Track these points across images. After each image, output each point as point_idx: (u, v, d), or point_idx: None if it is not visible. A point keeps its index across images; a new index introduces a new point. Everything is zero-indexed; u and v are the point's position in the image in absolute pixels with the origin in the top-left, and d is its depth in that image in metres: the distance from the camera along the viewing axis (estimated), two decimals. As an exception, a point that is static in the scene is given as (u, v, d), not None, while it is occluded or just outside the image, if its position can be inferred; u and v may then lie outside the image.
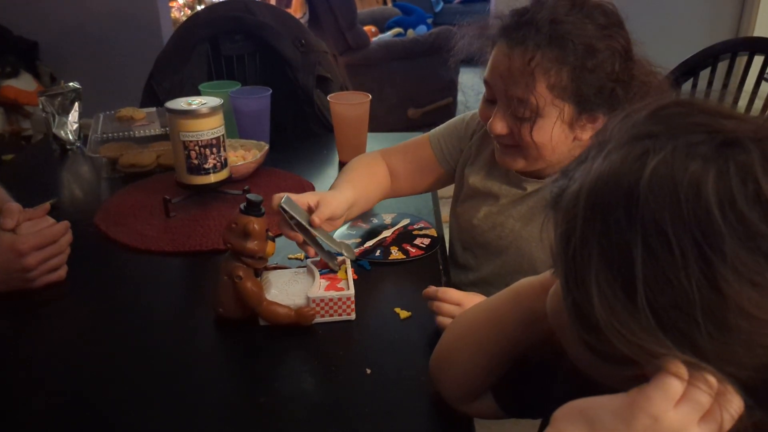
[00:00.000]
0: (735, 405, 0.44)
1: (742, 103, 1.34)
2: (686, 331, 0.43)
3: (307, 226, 0.99)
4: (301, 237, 1.00)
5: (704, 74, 1.34)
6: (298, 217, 0.98)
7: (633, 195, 0.44)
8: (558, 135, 0.99)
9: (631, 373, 0.46)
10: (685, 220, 0.42)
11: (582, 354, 0.52)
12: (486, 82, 1.04)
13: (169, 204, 1.26)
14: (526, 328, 0.67)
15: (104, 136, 1.51)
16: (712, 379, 0.44)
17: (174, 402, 0.82)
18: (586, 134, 1.00)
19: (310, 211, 1.01)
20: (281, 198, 0.99)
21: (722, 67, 1.36)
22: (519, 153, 1.04)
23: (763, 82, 1.31)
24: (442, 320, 0.90)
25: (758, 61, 1.29)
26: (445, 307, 0.91)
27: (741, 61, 1.34)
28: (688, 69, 1.34)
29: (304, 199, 1.02)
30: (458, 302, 0.91)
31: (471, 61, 1.08)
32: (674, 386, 0.44)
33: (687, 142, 0.45)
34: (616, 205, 0.45)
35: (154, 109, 1.64)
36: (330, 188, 1.14)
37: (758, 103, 1.29)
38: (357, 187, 1.14)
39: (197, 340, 0.94)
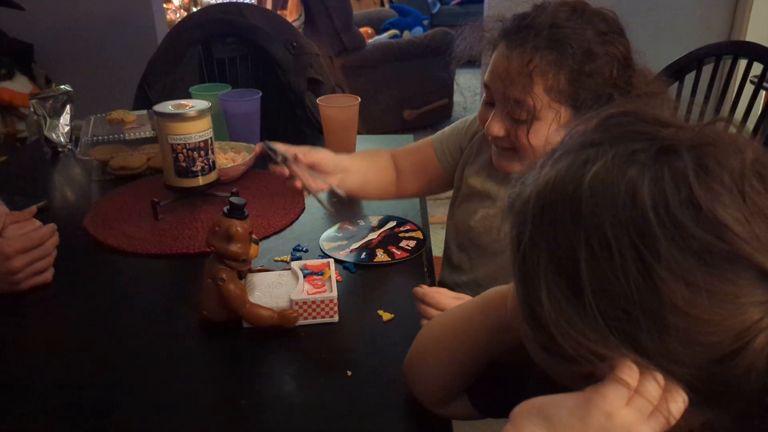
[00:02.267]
0: (680, 400, 0.46)
1: (726, 106, 1.36)
2: (629, 331, 0.45)
3: (291, 161, 1.07)
4: (287, 171, 1.06)
5: (689, 78, 1.35)
6: (282, 152, 1.07)
7: (576, 200, 0.47)
8: (554, 138, 0.98)
9: (582, 371, 0.48)
10: (622, 222, 0.44)
11: (537, 353, 0.54)
12: (485, 85, 1.05)
13: (158, 207, 1.27)
14: (495, 336, 0.68)
15: (95, 138, 1.52)
16: (659, 377, 0.46)
17: (158, 403, 0.83)
18: None
19: (297, 157, 1.09)
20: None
21: (707, 70, 1.37)
22: (516, 156, 1.05)
23: (748, 84, 1.32)
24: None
25: (742, 64, 1.30)
26: (431, 312, 0.91)
27: (725, 64, 1.35)
28: (674, 72, 1.35)
29: (290, 149, 1.09)
30: (456, 297, 0.91)
31: (468, 63, 1.10)
32: (626, 384, 0.46)
33: (626, 150, 0.47)
34: (562, 209, 0.47)
35: (144, 111, 1.65)
36: None
37: (742, 106, 1.30)
38: (354, 159, 1.20)
39: (182, 343, 0.95)
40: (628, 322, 0.45)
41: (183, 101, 1.27)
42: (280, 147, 1.09)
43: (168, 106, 1.23)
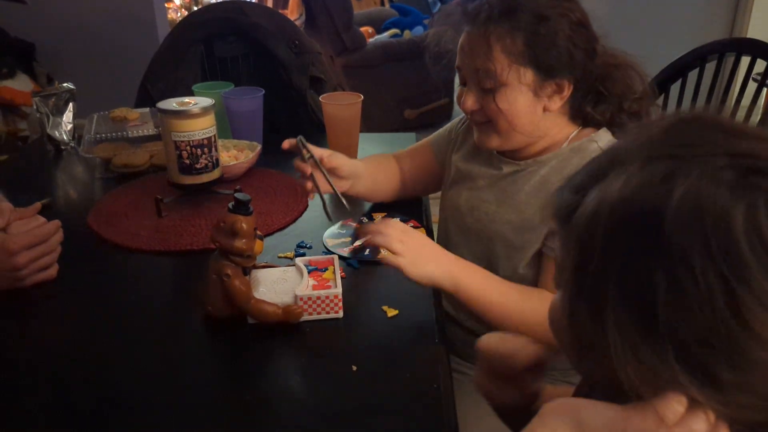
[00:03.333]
0: None
1: (730, 102, 1.36)
2: (705, 363, 0.43)
3: (318, 164, 1.11)
4: (309, 169, 1.12)
5: (692, 75, 1.35)
6: (312, 153, 1.11)
7: (658, 222, 0.43)
8: (524, 103, 1.03)
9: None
10: (712, 251, 0.42)
11: (577, 365, 0.53)
12: (457, 68, 1.10)
13: (161, 204, 1.27)
14: None
15: (98, 136, 1.52)
16: (711, 414, 0.45)
17: (162, 400, 0.83)
18: (555, 104, 1.04)
19: (321, 160, 1.14)
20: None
21: (710, 68, 1.37)
22: (492, 129, 1.08)
23: (751, 81, 1.32)
24: (391, 258, 0.93)
25: (745, 61, 1.30)
26: (392, 232, 0.95)
27: (728, 61, 1.35)
28: (677, 70, 1.35)
29: (316, 151, 1.14)
30: (403, 230, 0.96)
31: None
32: (674, 410, 0.45)
33: (710, 167, 0.44)
34: (640, 230, 0.45)
35: (147, 109, 1.65)
36: None
37: (745, 102, 1.30)
38: (365, 164, 1.25)
39: (186, 338, 0.95)
40: (706, 355, 0.43)
41: (186, 98, 1.27)
42: (311, 147, 1.14)
43: (172, 103, 1.24)
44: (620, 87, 1.05)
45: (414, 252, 0.94)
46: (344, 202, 1.13)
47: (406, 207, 1.31)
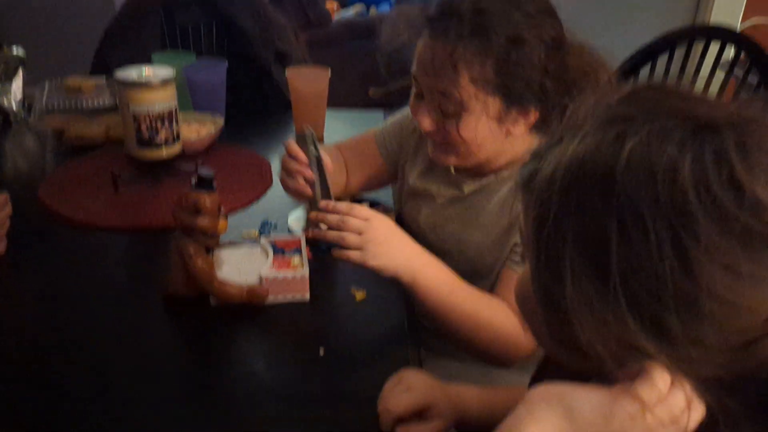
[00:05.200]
0: (698, 414, 0.46)
1: (698, 88, 1.37)
2: (657, 315, 0.43)
3: (320, 166, 0.96)
4: (311, 174, 0.95)
5: (662, 60, 1.35)
6: (319, 151, 0.96)
7: (610, 178, 0.44)
8: (485, 130, 0.94)
9: (590, 368, 0.47)
10: (661, 203, 0.42)
11: (547, 342, 0.53)
12: (413, 77, 0.99)
13: (118, 179, 1.21)
14: None
15: (50, 106, 1.44)
16: (687, 388, 0.45)
17: (122, 382, 0.80)
18: (519, 128, 0.95)
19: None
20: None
21: (679, 53, 1.37)
22: (450, 149, 0.99)
23: (718, 70, 1.33)
24: (345, 254, 0.85)
25: (714, 48, 1.31)
26: (352, 222, 0.86)
27: (698, 47, 1.36)
28: (647, 55, 1.35)
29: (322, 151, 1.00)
30: (366, 218, 0.87)
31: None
32: (659, 389, 0.45)
33: (662, 126, 0.45)
34: (593, 188, 0.45)
35: (104, 78, 1.58)
36: None
37: (713, 89, 1.31)
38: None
39: (147, 320, 0.92)
40: (657, 306, 0.43)
41: (146, 68, 1.21)
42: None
43: (131, 73, 1.18)
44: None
45: (374, 243, 0.86)
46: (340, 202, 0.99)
47: (374, 192, 1.28)
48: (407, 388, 0.72)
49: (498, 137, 0.96)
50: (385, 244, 0.87)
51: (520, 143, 0.99)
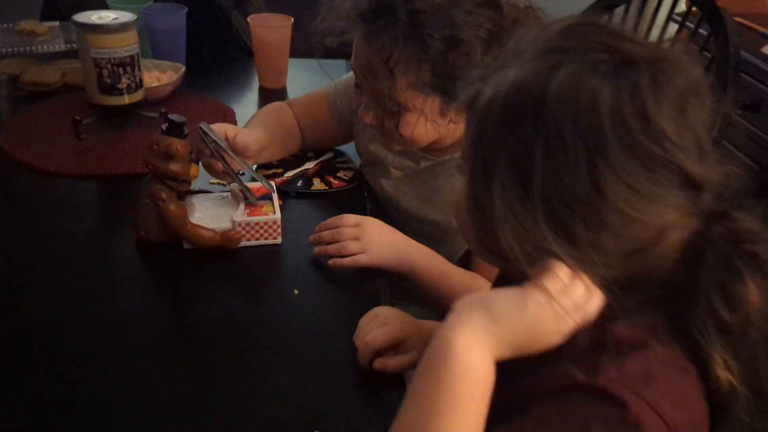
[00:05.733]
0: (597, 301, 0.53)
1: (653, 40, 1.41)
2: (567, 222, 0.51)
3: (229, 152, 0.97)
4: (220, 165, 0.98)
5: (619, 12, 1.39)
6: (218, 140, 0.96)
7: (540, 102, 0.50)
8: (425, 126, 0.94)
9: (515, 272, 0.54)
10: (581, 126, 0.49)
11: (475, 246, 0.60)
12: (353, 68, 0.98)
13: (80, 125, 1.20)
14: None
15: (2, 50, 1.39)
16: (586, 279, 0.52)
17: (97, 327, 0.80)
18: (462, 118, 0.95)
19: (227, 139, 0.99)
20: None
21: (635, 6, 1.41)
22: (393, 140, 1.00)
23: (671, 23, 1.38)
24: (351, 260, 0.89)
25: (668, 1, 1.36)
26: (346, 231, 0.90)
27: (652, 1, 1.40)
28: (604, 7, 1.39)
29: (221, 128, 1.00)
30: (357, 223, 0.91)
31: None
32: (559, 280, 0.52)
33: (591, 60, 0.51)
34: (526, 109, 0.51)
35: (57, 23, 1.52)
36: None
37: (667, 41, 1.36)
38: (268, 130, 1.11)
39: (119, 265, 0.92)
40: (568, 215, 0.50)
41: (104, 12, 1.18)
42: (219, 131, 0.99)
43: (91, 17, 1.15)
44: None
45: (373, 243, 0.90)
46: (266, 184, 1.00)
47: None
48: (383, 323, 0.76)
49: (441, 128, 0.96)
50: (383, 241, 0.91)
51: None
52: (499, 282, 0.58)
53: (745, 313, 0.52)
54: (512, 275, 0.56)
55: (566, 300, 0.52)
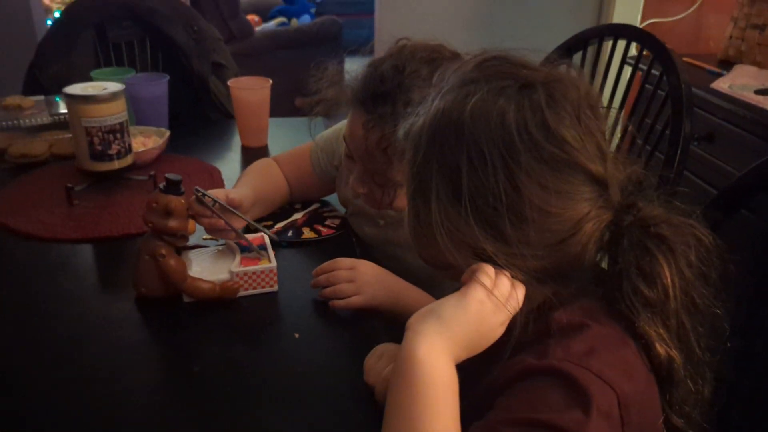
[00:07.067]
0: (521, 291, 0.62)
1: (609, 81, 1.51)
2: (495, 222, 0.60)
3: (228, 207, 1.02)
4: (221, 222, 1.01)
5: (577, 57, 1.49)
6: (215, 198, 1.01)
7: (459, 124, 0.61)
8: None
9: (454, 276, 0.63)
10: (494, 139, 0.59)
11: (424, 258, 0.68)
12: (345, 140, 1.03)
13: (72, 192, 1.23)
14: None
15: (-11, 125, 1.43)
16: (507, 274, 0.61)
17: (103, 387, 0.82)
18: None
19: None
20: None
21: (591, 50, 1.51)
22: (385, 206, 1.05)
23: (626, 66, 1.48)
24: (346, 302, 0.92)
25: (621, 45, 1.46)
26: (341, 275, 0.94)
27: (607, 45, 1.51)
28: (563, 52, 1.49)
29: (213, 192, 1.03)
30: (351, 266, 0.95)
31: (356, 52, 1.07)
32: (487, 280, 0.60)
33: (497, 86, 0.62)
34: (448, 131, 0.62)
35: (42, 97, 1.57)
36: None
37: (622, 84, 1.46)
38: (256, 188, 1.16)
39: (122, 322, 0.94)
40: (495, 215, 0.59)
41: (92, 84, 1.24)
42: (213, 193, 1.02)
43: (80, 89, 1.20)
44: None
45: (368, 285, 0.94)
46: (267, 233, 1.05)
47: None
48: (392, 358, 0.79)
49: None
50: (377, 283, 0.95)
51: None
52: None
53: (661, 285, 0.60)
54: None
55: (497, 293, 0.60)
